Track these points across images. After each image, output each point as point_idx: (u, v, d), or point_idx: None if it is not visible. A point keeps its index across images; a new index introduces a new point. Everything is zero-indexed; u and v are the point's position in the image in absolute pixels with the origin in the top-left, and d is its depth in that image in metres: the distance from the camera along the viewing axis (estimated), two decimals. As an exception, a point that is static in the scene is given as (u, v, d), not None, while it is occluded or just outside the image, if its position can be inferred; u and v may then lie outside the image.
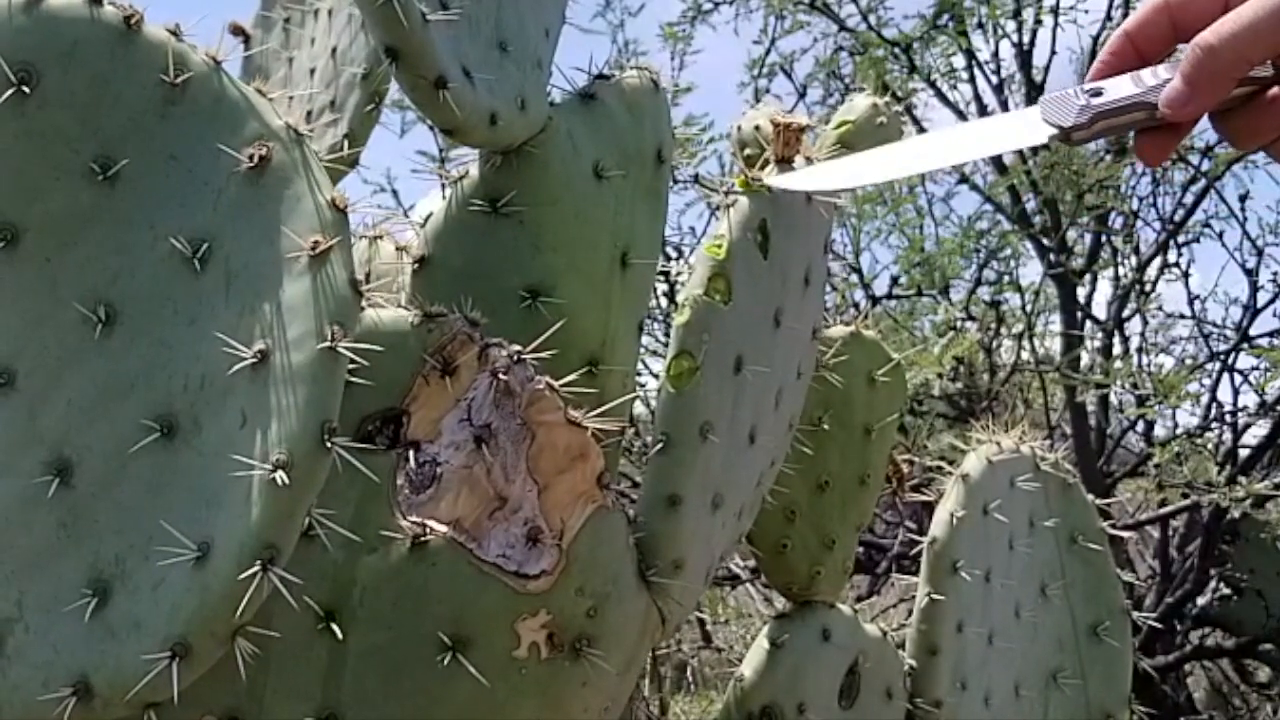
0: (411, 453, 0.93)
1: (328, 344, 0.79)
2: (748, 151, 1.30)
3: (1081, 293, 3.76)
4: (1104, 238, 3.84)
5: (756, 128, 1.35)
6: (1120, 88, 0.85)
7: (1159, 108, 0.83)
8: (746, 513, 1.24)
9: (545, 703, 0.96)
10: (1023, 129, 0.91)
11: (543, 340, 0.96)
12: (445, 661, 0.91)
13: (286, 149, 0.84)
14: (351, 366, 0.81)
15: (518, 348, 0.95)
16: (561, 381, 0.96)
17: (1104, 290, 3.90)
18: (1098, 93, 0.86)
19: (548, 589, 0.95)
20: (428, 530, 0.92)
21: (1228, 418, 3.49)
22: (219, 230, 0.84)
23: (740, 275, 1.09)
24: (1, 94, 0.82)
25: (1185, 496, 3.03)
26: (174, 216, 0.85)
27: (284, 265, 0.81)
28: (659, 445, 1.05)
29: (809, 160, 1.13)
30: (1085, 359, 3.75)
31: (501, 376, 0.94)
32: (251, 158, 0.84)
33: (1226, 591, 3.27)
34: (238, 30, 1.70)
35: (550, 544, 0.95)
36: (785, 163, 1.13)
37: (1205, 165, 3.57)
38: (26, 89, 0.83)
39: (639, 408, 2.76)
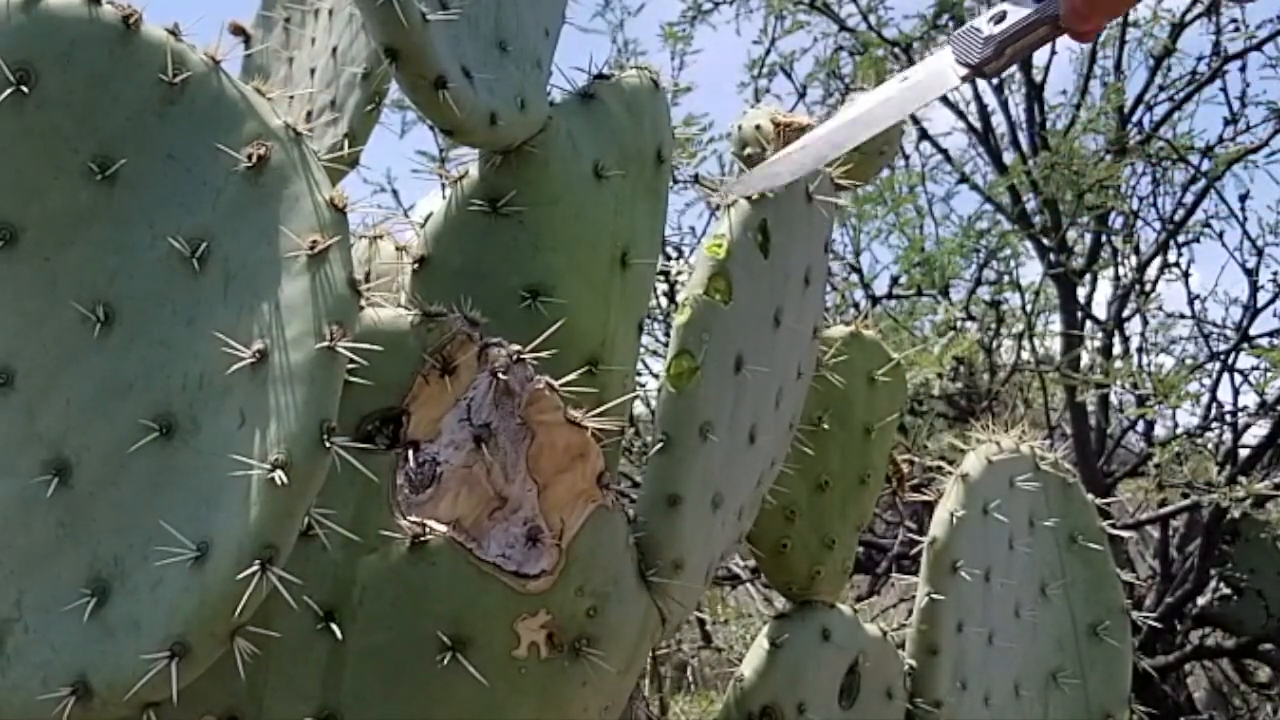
0: (411, 452, 0.93)
1: (326, 343, 0.79)
2: (748, 151, 1.30)
3: (1081, 293, 3.75)
4: (1104, 238, 3.83)
5: (757, 127, 1.34)
6: (1020, 9, 0.86)
7: (1061, 23, 0.84)
8: (746, 513, 1.24)
9: (545, 703, 0.96)
10: (939, 77, 0.92)
11: (542, 340, 0.96)
12: (445, 661, 0.91)
13: (285, 148, 0.84)
14: (351, 366, 0.81)
15: (517, 347, 0.95)
16: (561, 381, 0.96)
17: (1104, 290, 3.90)
18: (1001, 17, 0.86)
19: (547, 589, 0.95)
20: (427, 530, 0.92)
21: (1228, 418, 3.48)
22: (217, 230, 0.84)
23: (740, 275, 1.09)
24: (0, 94, 0.82)
25: (1185, 496, 3.03)
26: (173, 216, 0.85)
27: (283, 264, 0.81)
28: (659, 445, 1.05)
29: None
30: (1085, 359, 3.74)
31: (501, 376, 0.93)
32: (250, 157, 0.84)
33: (1226, 591, 3.27)
34: (238, 30, 1.70)
35: (550, 544, 0.95)
36: None
37: (1205, 165, 3.57)
38: (25, 89, 0.83)
39: (639, 407, 2.76)
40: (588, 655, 0.97)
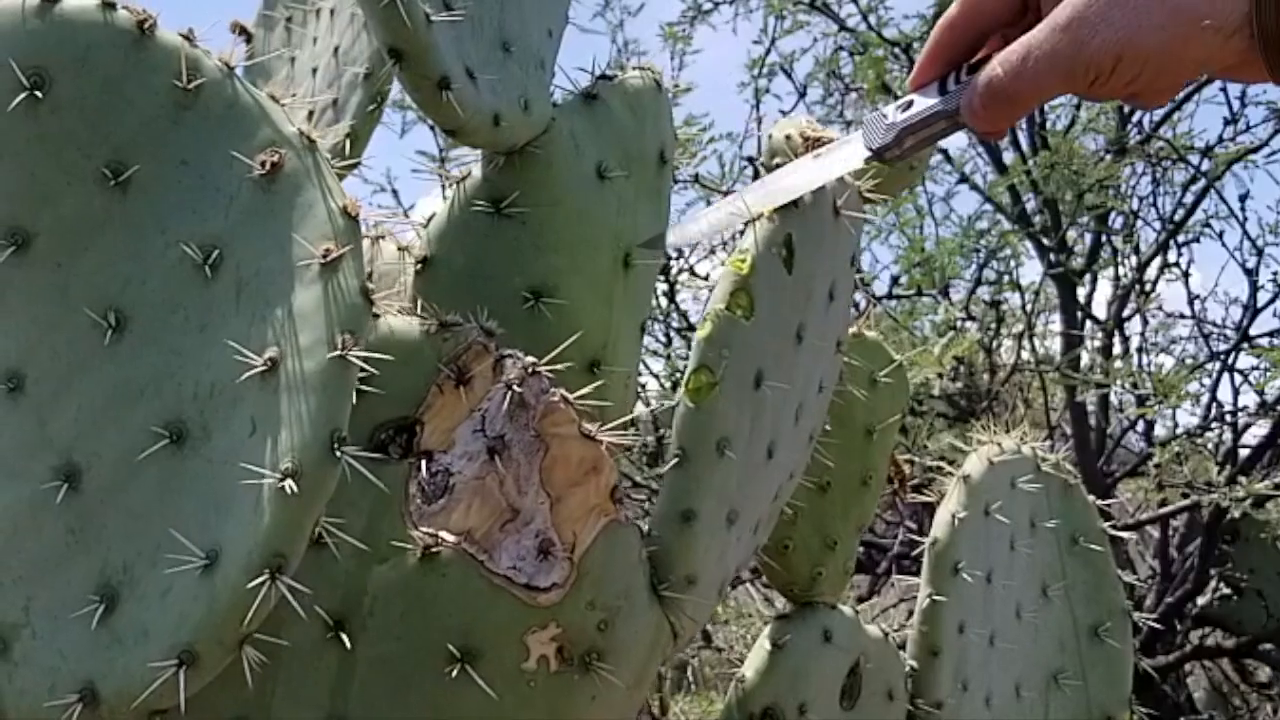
0: (424, 463, 0.93)
1: (338, 352, 0.78)
2: (777, 160, 1.29)
3: (1081, 293, 3.76)
4: (1104, 238, 3.84)
5: (787, 137, 1.34)
6: (926, 100, 0.88)
7: (959, 118, 0.87)
8: (763, 527, 1.23)
9: (553, 716, 0.95)
10: (846, 157, 0.96)
11: (556, 352, 0.95)
12: (454, 673, 0.91)
13: (299, 155, 0.84)
14: (365, 375, 0.80)
15: (532, 359, 0.94)
16: (575, 395, 0.95)
17: (1104, 290, 3.91)
18: (907, 106, 0.89)
19: (558, 602, 0.94)
20: (439, 541, 0.92)
21: (1228, 418, 3.49)
22: (230, 237, 0.83)
23: (763, 291, 1.07)
24: (14, 98, 0.82)
25: (1185, 496, 3.03)
26: (185, 222, 0.84)
27: (295, 272, 0.81)
28: (675, 460, 1.03)
29: None
30: (1085, 359, 3.75)
31: (516, 388, 0.93)
32: (264, 164, 0.83)
33: (1226, 591, 3.27)
34: (239, 29, 1.69)
35: (562, 557, 0.94)
36: None
37: (1205, 165, 3.57)
38: (39, 93, 0.83)
39: (638, 407, 2.76)
40: (597, 669, 0.96)
